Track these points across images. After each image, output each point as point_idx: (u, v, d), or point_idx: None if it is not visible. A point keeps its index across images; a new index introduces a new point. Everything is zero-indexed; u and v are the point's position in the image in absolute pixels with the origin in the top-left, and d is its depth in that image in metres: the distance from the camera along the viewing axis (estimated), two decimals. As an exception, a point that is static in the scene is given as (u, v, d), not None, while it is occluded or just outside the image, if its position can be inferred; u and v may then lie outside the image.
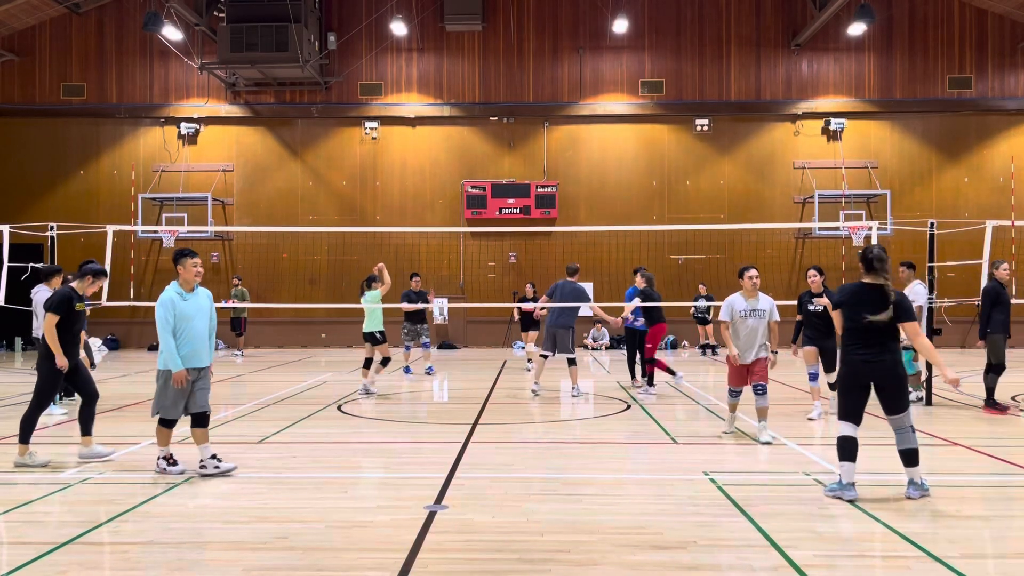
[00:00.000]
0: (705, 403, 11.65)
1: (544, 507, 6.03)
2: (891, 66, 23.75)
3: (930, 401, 11.30)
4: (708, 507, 5.99)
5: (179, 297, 7.04)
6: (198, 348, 7.05)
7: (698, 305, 20.93)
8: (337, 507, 6.08)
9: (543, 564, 4.80)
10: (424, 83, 24.13)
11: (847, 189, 23.33)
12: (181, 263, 7.12)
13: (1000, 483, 6.90)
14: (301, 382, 14.56)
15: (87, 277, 7.89)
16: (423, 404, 12.22)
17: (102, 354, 21.76)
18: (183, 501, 6.22)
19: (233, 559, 4.90)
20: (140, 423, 9.95)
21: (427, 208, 24.01)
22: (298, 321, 23.39)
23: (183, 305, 7.02)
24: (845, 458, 6.17)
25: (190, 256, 7.17)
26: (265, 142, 24.22)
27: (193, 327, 7.02)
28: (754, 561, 4.83)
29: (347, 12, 24.08)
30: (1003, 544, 5.25)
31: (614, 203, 23.70)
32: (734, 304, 8.54)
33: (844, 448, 6.20)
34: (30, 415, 7.56)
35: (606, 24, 23.46)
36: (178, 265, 7.14)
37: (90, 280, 7.91)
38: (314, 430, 9.52)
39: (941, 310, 11.61)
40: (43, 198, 23.78)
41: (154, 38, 23.43)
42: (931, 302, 11.60)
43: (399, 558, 4.89)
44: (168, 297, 7.02)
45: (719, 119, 23.91)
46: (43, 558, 4.88)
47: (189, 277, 7.12)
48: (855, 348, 6.20)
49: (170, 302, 6.99)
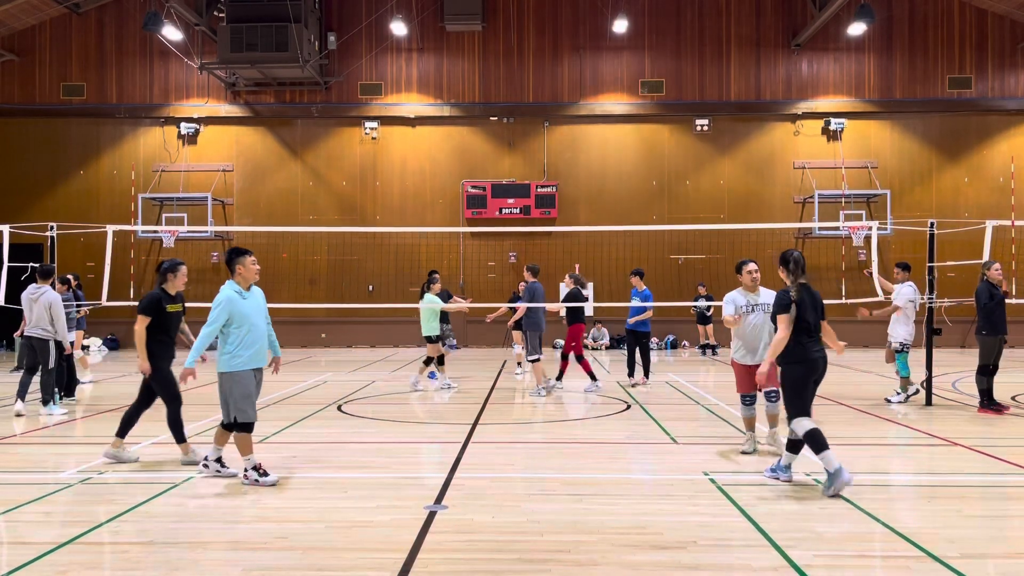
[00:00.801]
0: (705, 403, 11.64)
1: (544, 507, 6.03)
2: (891, 66, 23.75)
3: (930, 401, 11.30)
4: (708, 507, 5.99)
5: (238, 296, 6.83)
6: (262, 347, 6.91)
7: (698, 305, 20.93)
8: (337, 507, 6.08)
9: (543, 564, 4.80)
10: (424, 83, 24.13)
11: (847, 189, 23.33)
12: (240, 262, 6.87)
13: (1000, 483, 6.90)
14: (301, 382, 14.56)
15: (167, 276, 7.78)
16: (423, 404, 12.21)
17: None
18: (183, 501, 6.22)
19: (233, 559, 4.90)
20: (140, 423, 9.92)
21: (427, 208, 24.02)
22: (298, 321, 23.39)
23: (243, 304, 6.80)
24: (823, 448, 6.31)
25: (248, 254, 6.95)
26: (265, 142, 24.22)
27: (255, 326, 6.84)
28: (754, 561, 4.83)
29: (347, 12, 24.08)
30: (1003, 544, 5.25)
31: (614, 203, 23.70)
32: (735, 300, 8.09)
33: (818, 440, 6.34)
34: (134, 412, 7.68)
35: (606, 24, 23.46)
36: (236, 264, 6.89)
37: (171, 277, 7.78)
38: (314, 430, 9.52)
39: (941, 310, 11.60)
40: (43, 198, 23.78)
41: (154, 38, 23.43)
42: (931, 302, 11.61)
43: (399, 558, 4.89)
44: (227, 296, 6.75)
45: (719, 119, 23.91)
46: (43, 558, 4.88)
47: (250, 276, 6.91)
48: (811, 345, 6.57)
49: (228, 301, 6.74)
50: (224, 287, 6.86)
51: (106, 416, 10.61)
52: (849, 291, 22.13)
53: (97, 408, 11.27)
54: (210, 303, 6.91)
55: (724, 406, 11.18)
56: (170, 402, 7.65)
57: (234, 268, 6.92)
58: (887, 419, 10.23)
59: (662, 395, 12.58)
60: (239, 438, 6.82)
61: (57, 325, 10.71)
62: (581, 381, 13.42)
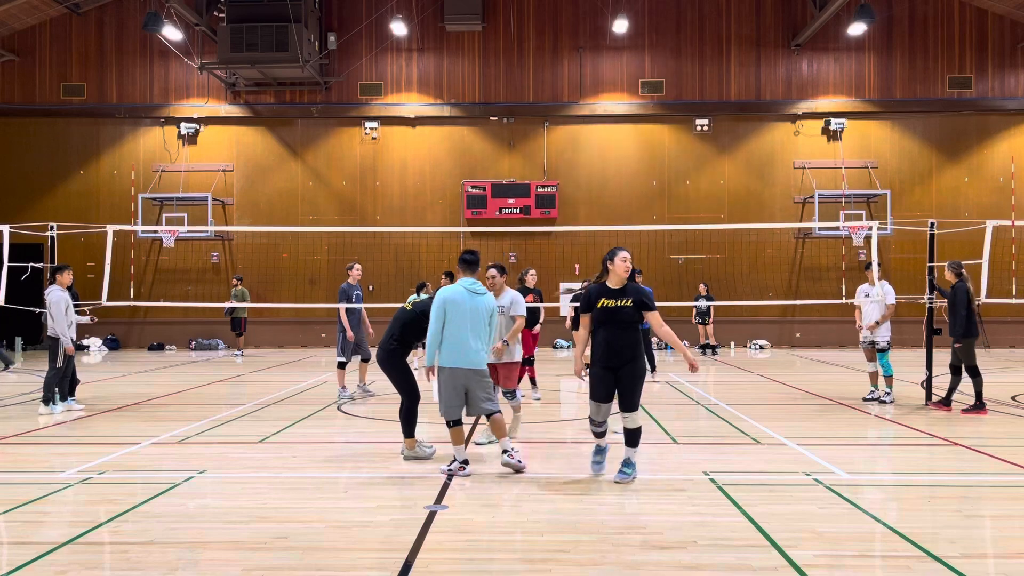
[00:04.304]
0: (705, 404, 11.64)
1: (544, 507, 6.03)
2: (891, 66, 23.75)
3: (929, 401, 11.29)
4: (708, 507, 5.99)
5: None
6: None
7: (698, 305, 20.93)
8: (337, 507, 6.08)
9: (543, 564, 4.80)
10: (424, 83, 24.13)
11: (847, 189, 23.33)
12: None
13: (1000, 483, 6.90)
14: (301, 382, 14.56)
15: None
16: (423, 404, 12.19)
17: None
18: (183, 501, 6.22)
19: (233, 559, 4.90)
20: (140, 423, 9.95)
21: (427, 208, 24.01)
22: (298, 321, 23.38)
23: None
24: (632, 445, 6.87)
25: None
26: (265, 142, 24.22)
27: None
28: (754, 561, 4.83)
29: (347, 12, 24.08)
30: (1003, 544, 5.25)
31: (614, 203, 23.69)
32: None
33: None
34: (408, 409, 7.73)
35: (606, 24, 23.46)
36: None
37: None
38: (314, 430, 9.52)
39: (941, 310, 11.60)
40: (43, 198, 23.77)
41: (154, 38, 23.43)
42: (931, 302, 11.62)
43: (399, 558, 4.89)
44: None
45: (719, 119, 23.91)
46: (43, 558, 4.89)
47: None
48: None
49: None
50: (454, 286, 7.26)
51: (106, 416, 10.61)
52: (849, 291, 22.11)
53: (97, 408, 11.27)
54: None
55: (724, 406, 11.18)
56: (407, 395, 7.83)
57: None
58: (887, 419, 10.23)
59: (662, 395, 12.58)
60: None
61: (55, 324, 10.76)
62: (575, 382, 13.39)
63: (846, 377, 15.19)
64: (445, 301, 7.08)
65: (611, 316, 6.68)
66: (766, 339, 23.36)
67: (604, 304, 6.69)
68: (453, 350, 7.03)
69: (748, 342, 23.34)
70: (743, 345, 23.32)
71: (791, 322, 23.56)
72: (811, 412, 10.81)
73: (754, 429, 9.32)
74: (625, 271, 6.73)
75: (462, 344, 7.03)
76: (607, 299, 6.70)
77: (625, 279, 6.77)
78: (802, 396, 12.38)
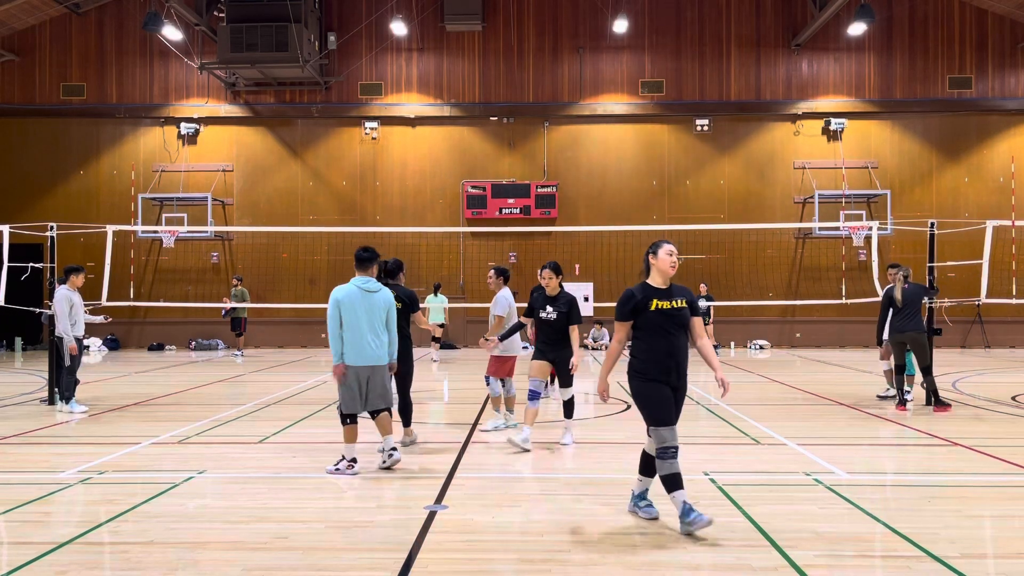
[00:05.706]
0: (705, 404, 11.64)
1: (544, 507, 6.03)
2: (891, 66, 23.75)
3: (930, 401, 11.28)
4: (708, 507, 5.98)
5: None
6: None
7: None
8: (337, 507, 6.08)
9: (543, 564, 4.80)
10: (424, 83, 24.13)
11: (847, 189, 23.32)
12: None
13: (1000, 483, 6.90)
14: (301, 382, 14.56)
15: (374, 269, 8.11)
16: (423, 404, 12.21)
17: (103, 353, 21.76)
18: (183, 501, 6.22)
19: (233, 559, 4.90)
20: (140, 423, 9.95)
21: (427, 208, 24.02)
22: (298, 321, 23.39)
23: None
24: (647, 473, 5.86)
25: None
26: (265, 142, 24.22)
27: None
28: (754, 561, 4.83)
29: (347, 12, 24.08)
30: (1003, 544, 5.25)
31: (614, 203, 23.70)
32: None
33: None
34: (403, 399, 8.46)
35: (606, 24, 23.46)
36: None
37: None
38: (314, 430, 9.51)
39: (941, 310, 11.61)
40: (43, 198, 23.77)
41: (154, 38, 23.43)
42: (931, 302, 11.62)
43: (399, 558, 4.89)
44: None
45: (719, 119, 23.91)
46: (43, 558, 4.88)
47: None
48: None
49: None
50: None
51: (106, 416, 10.61)
52: (849, 291, 22.12)
53: (98, 408, 11.26)
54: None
55: (724, 406, 11.18)
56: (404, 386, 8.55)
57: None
58: (887, 419, 10.23)
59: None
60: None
61: (58, 323, 10.81)
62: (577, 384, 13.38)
63: (846, 377, 15.19)
64: (338, 302, 7.10)
65: (671, 320, 5.50)
66: (766, 339, 23.37)
67: (660, 306, 5.49)
68: (352, 349, 7.10)
69: (748, 342, 23.35)
70: (743, 345, 23.32)
71: (791, 322, 23.56)
72: (811, 412, 10.81)
73: (754, 429, 9.33)
74: (672, 267, 5.57)
75: (360, 342, 7.10)
76: (660, 300, 5.52)
77: (670, 276, 5.64)
78: (802, 396, 12.38)
